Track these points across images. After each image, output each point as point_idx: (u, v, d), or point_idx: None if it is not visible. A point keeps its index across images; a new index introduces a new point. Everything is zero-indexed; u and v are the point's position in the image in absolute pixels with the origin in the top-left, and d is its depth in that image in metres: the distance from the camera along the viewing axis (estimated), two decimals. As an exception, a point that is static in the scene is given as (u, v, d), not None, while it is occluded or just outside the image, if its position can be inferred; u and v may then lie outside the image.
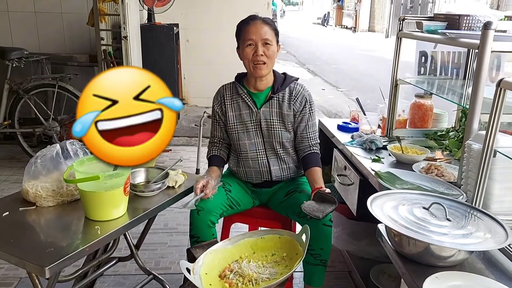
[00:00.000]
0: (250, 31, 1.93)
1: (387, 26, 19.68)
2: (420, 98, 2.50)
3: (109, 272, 2.31)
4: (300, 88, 2.05)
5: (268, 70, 1.97)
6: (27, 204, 1.66)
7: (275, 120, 2.02)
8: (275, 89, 2.02)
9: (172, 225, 2.99)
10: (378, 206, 1.44)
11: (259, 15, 2.00)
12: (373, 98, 5.55)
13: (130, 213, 1.64)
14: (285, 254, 1.51)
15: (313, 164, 2.02)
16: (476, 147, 1.56)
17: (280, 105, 2.02)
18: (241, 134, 2.06)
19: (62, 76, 3.96)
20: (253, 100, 2.03)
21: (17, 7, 4.75)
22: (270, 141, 2.05)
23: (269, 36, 1.93)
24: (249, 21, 1.96)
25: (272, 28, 1.96)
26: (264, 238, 1.56)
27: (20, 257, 1.34)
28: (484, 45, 1.59)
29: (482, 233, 1.30)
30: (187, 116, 5.62)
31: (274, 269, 1.46)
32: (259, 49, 1.91)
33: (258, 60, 1.92)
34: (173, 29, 4.93)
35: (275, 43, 1.96)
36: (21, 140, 4.08)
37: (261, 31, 1.92)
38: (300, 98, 2.03)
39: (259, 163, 2.07)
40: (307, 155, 2.05)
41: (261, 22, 1.94)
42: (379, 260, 2.32)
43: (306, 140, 2.06)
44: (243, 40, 1.96)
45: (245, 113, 2.04)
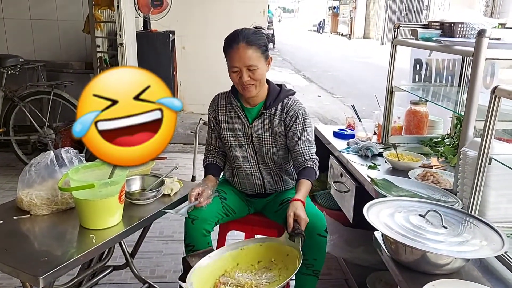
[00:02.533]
0: (233, 58, 1.84)
1: (382, 33, 19.80)
2: (416, 105, 2.50)
3: (104, 281, 2.30)
4: (292, 104, 1.98)
5: (257, 90, 1.91)
6: (22, 212, 1.65)
7: (267, 136, 1.99)
8: (267, 104, 1.97)
9: (168, 233, 2.98)
10: (375, 213, 1.44)
11: (242, 32, 1.86)
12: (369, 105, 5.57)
13: (125, 222, 1.63)
14: (273, 259, 1.52)
15: (301, 176, 1.92)
16: (471, 154, 1.56)
17: (271, 121, 1.97)
18: (234, 146, 2.03)
19: (57, 83, 3.94)
20: (246, 114, 2.00)
21: (13, 15, 4.75)
22: (262, 155, 2.02)
23: (254, 61, 1.83)
24: (232, 44, 1.85)
25: (258, 47, 1.84)
26: (244, 249, 1.57)
27: (14, 266, 1.33)
28: (479, 53, 1.60)
29: (478, 241, 1.30)
30: (183, 123, 5.62)
31: (269, 273, 1.47)
32: (244, 75, 1.84)
33: (245, 84, 1.87)
34: (169, 36, 4.94)
35: (262, 64, 1.87)
36: (16, 148, 4.06)
37: (245, 57, 1.82)
38: (291, 114, 1.96)
39: (252, 176, 2.05)
40: (300, 171, 1.96)
41: (244, 46, 1.82)
42: (376, 268, 2.31)
43: (300, 156, 1.96)
44: (228, 62, 1.89)
45: (237, 126, 2.00)
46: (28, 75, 4.33)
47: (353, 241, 2.49)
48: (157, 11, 4.85)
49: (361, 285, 2.27)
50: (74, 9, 4.78)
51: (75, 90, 3.98)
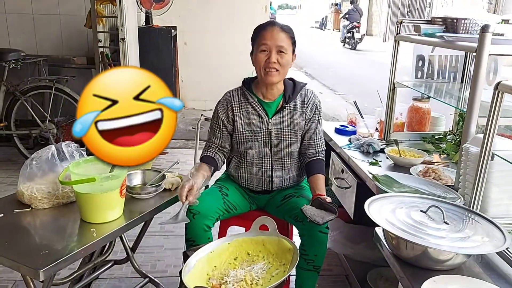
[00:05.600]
0: (265, 36, 1.87)
1: (384, 29, 19.73)
2: (418, 101, 2.50)
3: (105, 275, 2.30)
4: (311, 95, 2.02)
5: (279, 78, 1.91)
6: (22, 206, 1.65)
7: (286, 130, 1.98)
8: (286, 98, 1.97)
9: (169, 228, 2.98)
10: (376, 209, 1.43)
11: (278, 21, 1.95)
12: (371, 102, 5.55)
13: (126, 216, 1.63)
14: (260, 250, 1.56)
15: (317, 171, 1.97)
16: (473, 151, 1.56)
17: (292, 115, 1.98)
18: (249, 143, 2.00)
19: (59, 78, 3.94)
20: (264, 109, 1.98)
21: (15, 9, 4.74)
22: (278, 150, 2.01)
23: (285, 44, 1.86)
24: (266, 26, 1.90)
25: (290, 36, 1.90)
26: (230, 244, 1.58)
27: (14, 259, 1.33)
28: (482, 48, 1.59)
29: (480, 237, 1.29)
30: (184, 119, 5.61)
31: (260, 263, 1.48)
32: (273, 56, 1.85)
33: (271, 66, 1.86)
34: (171, 31, 4.92)
35: (290, 52, 1.90)
36: (17, 142, 4.06)
37: (277, 37, 1.86)
38: (311, 105, 2.00)
39: (262, 171, 2.04)
40: (311, 161, 2.01)
41: (279, 29, 1.88)
42: (377, 264, 2.31)
43: (313, 147, 2.02)
44: (257, 44, 1.90)
45: (255, 122, 1.98)
46: (30, 70, 4.32)
47: (354, 238, 2.49)
48: (159, 6, 4.85)
49: (362, 281, 2.27)
50: (76, 3, 4.77)
51: (76, 85, 3.98)
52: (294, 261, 1.45)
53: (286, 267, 1.45)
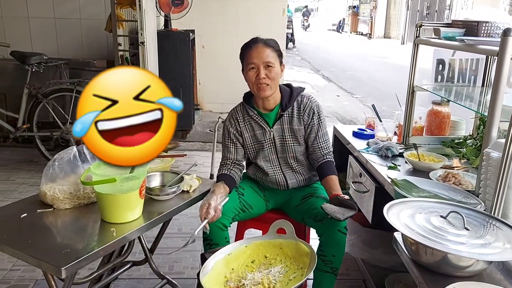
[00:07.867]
0: (251, 54, 1.94)
1: (403, 32, 19.55)
2: (437, 105, 2.47)
3: (124, 276, 2.33)
4: (307, 101, 2.06)
5: (272, 91, 1.98)
6: (45, 206, 1.69)
7: (288, 136, 2.06)
8: (283, 106, 2.04)
9: (186, 230, 3.00)
10: (395, 214, 1.42)
11: (260, 37, 2.00)
12: (389, 106, 5.51)
13: (145, 216, 1.65)
14: (277, 254, 1.55)
15: (329, 172, 2.02)
16: (495, 156, 1.53)
17: (290, 121, 2.05)
18: (258, 153, 2.10)
19: (80, 81, 4.01)
20: (265, 120, 2.06)
21: (37, 13, 4.86)
22: (284, 156, 2.09)
23: (271, 59, 1.94)
24: (251, 45, 1.97)
25: (275, 50, 1.97)
26: (248, 247, 1.59)
27: (37, 257, 1.36)
28: (504, 52, 1.56)
29: (501, 243, 1.27)
30: (202, 122, 5.65)
31: (278, 266, 1.47)
32: (261, 72, 1.93)
33: (261, 82, 1.93)
34: (189, 35, 4.97)
35: (277, 64, 1.97)
36: (39, 144, 4.15)
37: (263, 54, 1.93)
38: (308, 111, 2.05)
39: (276, 178, 2.11)
40: (321, 164, 2.06)
41: (262, 45, 1.95)
42: (395, 269, 2.29)
43: (318, 150, 2.07)
44: (246, 63, 1.98)
45: (259, 133, 2.07)
46: (51, 73, 4.41)
47: (372, 242, 2.47)
48: (178, 10, 4.90)
49: (380, 286, 2.25)
50: (97, 8, 4.86)
51: (97, 88, 4.04)
52: (311, 264, 1.45)
53: (304, 270, 1.45)
